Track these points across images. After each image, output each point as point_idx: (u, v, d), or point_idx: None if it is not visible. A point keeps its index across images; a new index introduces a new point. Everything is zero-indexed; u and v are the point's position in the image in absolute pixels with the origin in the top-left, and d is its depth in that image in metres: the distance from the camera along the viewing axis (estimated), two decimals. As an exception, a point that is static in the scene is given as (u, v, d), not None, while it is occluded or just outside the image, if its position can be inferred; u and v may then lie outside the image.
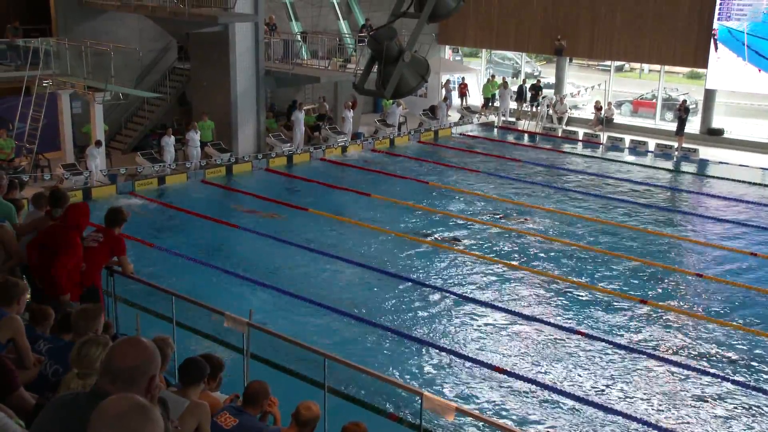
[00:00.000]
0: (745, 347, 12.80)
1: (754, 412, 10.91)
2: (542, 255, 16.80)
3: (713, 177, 24.04)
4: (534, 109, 30.91)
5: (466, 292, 14.70)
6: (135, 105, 25.60)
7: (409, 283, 15.07)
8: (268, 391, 5.92)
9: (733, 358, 12.45)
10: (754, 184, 23.07)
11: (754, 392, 11.37)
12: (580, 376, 11.77)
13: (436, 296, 14.57)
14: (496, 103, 31.65)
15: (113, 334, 6.66)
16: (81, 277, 8.09)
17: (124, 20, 24.40)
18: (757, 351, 12.67)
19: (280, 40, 27.01)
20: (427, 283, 15.13)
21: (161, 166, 21.91)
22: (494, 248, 17.14)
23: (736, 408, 10.98)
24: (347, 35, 29.75)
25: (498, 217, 19.40)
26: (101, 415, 2.55)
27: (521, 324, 13.52)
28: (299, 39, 27.92)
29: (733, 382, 11.65)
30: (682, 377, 11.89)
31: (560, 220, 19.16)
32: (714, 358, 12.48)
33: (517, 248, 17.21)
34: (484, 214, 19.60)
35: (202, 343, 11.58)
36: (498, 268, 15.95)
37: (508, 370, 11.80)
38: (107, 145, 22.83)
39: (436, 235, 17.95)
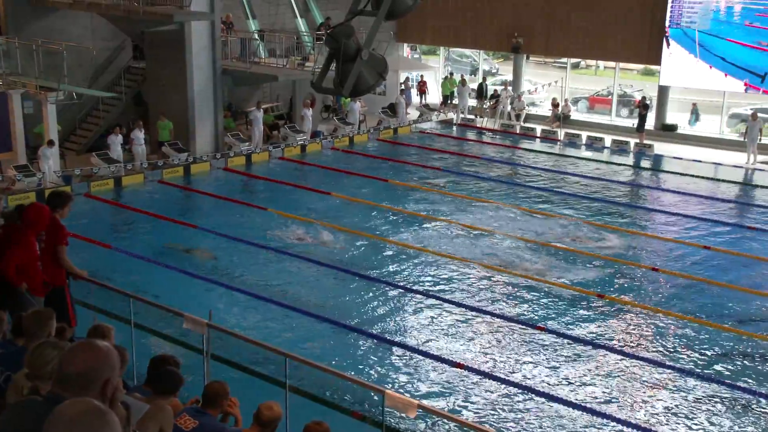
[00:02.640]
0: (699, 338, 13.04)
1: (719, 402, 11.13)
2: (501, 251, 16.92)
3: (668, 172, 24.46)
4: (491, 106, 31.13)
5: (427, 290, 14.75)
6: (89, 105, 25.20)
7: (370, 281, 15.07)
8: (228, 391, 5.87)
9: (688, 348, 12.67)
10: (707, 178, 23.54)
11: (714, 383, 11.59)
12: (539, 370, 11.88)
13: (398, 294, 14.60)
14: (455, 101, 31.82)
15: (69, 337, 6.54)
16: (43, 276, 8.05)
17: (77, 18, 23.98)
18: (711, 341, 12.92)
19: (237, 39, 26.81)
20: (388, 280, 15.15)
21: (117, 167, 21.59)
22: (454, 245, 17.21)
23: (696, 399, 11.18)
24: (305, 33, 29.64)
25: (459, 213, 19.48)
26: (55, 420, 2.51)
27: (481, 320, 13.60)
28: (256, 37, 27.74)
29: (690, 373, 11.86)
30: (640, 369, 12.07)
31: (519, 217, 19.32)
32: (670, 349, 12.69)
33: (476, 245, 17.31)
34: (445, 212, 19.68)
35: (161, 344, 11.44)
36: (458, 265, 16.03)
37: (469, 366, 11.86)
38: (61, 145, 22.43)
39: (396, 233, 17.98)
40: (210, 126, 24.32)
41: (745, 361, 12.31)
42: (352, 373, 10.95)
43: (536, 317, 13.71)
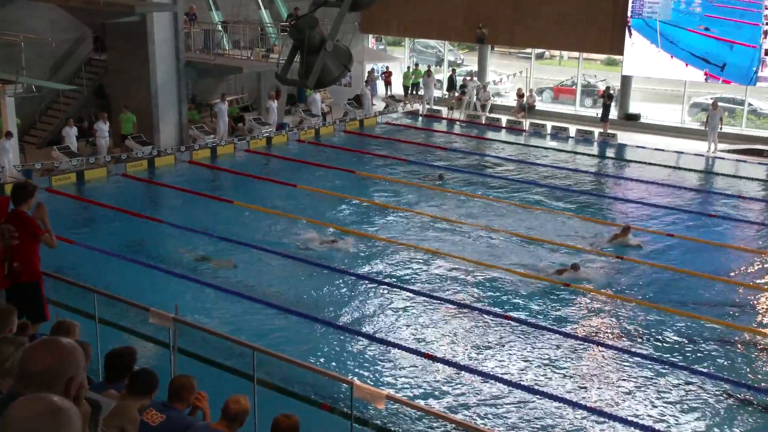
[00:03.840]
0: (663, 324, 13.24)
1: (684, 387, 11.32)
2: (468, 241, 17.02)
3: (632, 161, 24.77)
4: (457, 97, 31.22)
5: (394, 281, 14.78)
6: (49, 98, 24.78)
7: (337, 273, 15.06)
8: (194, 385, 5.83)
9: (653, 335, 12.87)
10: (669, 167, 23.88)
11: (677, 369, 11.78)
12: (506, 359, 11.98)
13: (365, 285, 14.61)
14: (421, 92, 31.86)
15: (31, 334, 6.45)
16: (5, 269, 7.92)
17: (35, 10, 23.51)
18: (674, 327, 13.13)
19: (201, 30, 26.53)
20: (355, 272, 15.15)
21: (79, 161, 21.27)
22: (422, 236, 17.27)
23: (661, 385, 11.36)
24: (269, 25, 29.43)
25: (426, 204, 19.54)
26: (9, 417, 2.47)
27: (449, 310, 13.68)
28: (220, 29, 27.47)
29: (655, 359, 12.05)
30: (605, 356, 12.24)
31: (486, 207, 19.43)
32: (635, 336, 12.87)
33: (443, 235, 17.38)
34: (411, 202, 19.72)
35: (127, 340, 11.33)
36: (425, 255, 16.08)
37: (437, 356, 11.93)
38: (21, 139, 22.03)
39: (363, 224, 17.98)
40: (174, 119, 24.06)
41: (708, 346, 12.52)
42: (321, 364, 10.96)
43: (503, 306, 13.81)
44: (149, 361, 10.65)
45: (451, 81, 32.23)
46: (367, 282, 14.72)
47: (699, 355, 12.26)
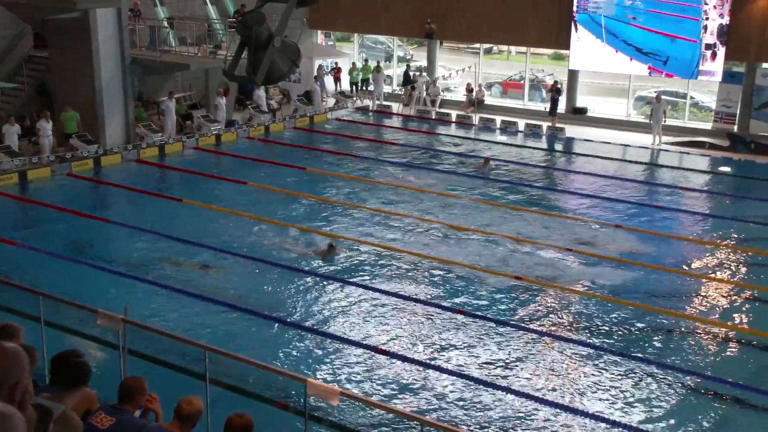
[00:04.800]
0: (613, 315, 13.49)
1: (634, 377, 11.54)
2: (420, 236, 17.09)
3: (579, 154, 25.14)
4: (407, 92, 31.30)
5: (346, 276, 14.76)
6: (-11, 96, 24.14)
7: (289, 271, 14.98)
8: (145, 386, 5.75)
9: (604, 326, 13.10)
10: (616, 159, 24.32)
11: (628, 358, 12.01)
12: (461, 353, 12.07)
13: (317, 282, 14.56)
14: (371, 88, 31.85)
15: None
16: None
17: (-29, 5, 22.87)
18: (624, 318, 13.38)
19: (146, 27, 26.08)
20: (307, 269, 15.09)
21: (22, 160, 20.75)
22: (373, 232, 17.28)
23: (613, 375, 11.57)
24: (216, 21, 29.10)
25: (378, 200, 19.57)
26: None
27: (403, 305, 13.71)
28: (166, 25, 27.06)
29: (607, 350, 12.27)
30: (559, 348, 12.41)
31: (438, 201, 19.53)
32: (587, 327, 13.08)
33: (395, 230, 17.43)
34: (364, 199, 19.73)
35: (75, 342, 11.11)
36: (377, 251, 16.10)
37: (392, 351, 11.96)
38: (-40, 139, 21.41)
39: (314, 221, 17.92)
40: (120, 117, 23.62)
41: (656, 336, 12.79)
42: (275, 362, 10.90)
43: (456, 301, 13.91)
44: (98, 363, 10.46)
45: (407, 76, 32.30)
46: (319, 279, 14.67)
47: (649, 345, 12.51)
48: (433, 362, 11.71)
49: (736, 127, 26.27)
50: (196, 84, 28.34)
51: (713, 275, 15.45)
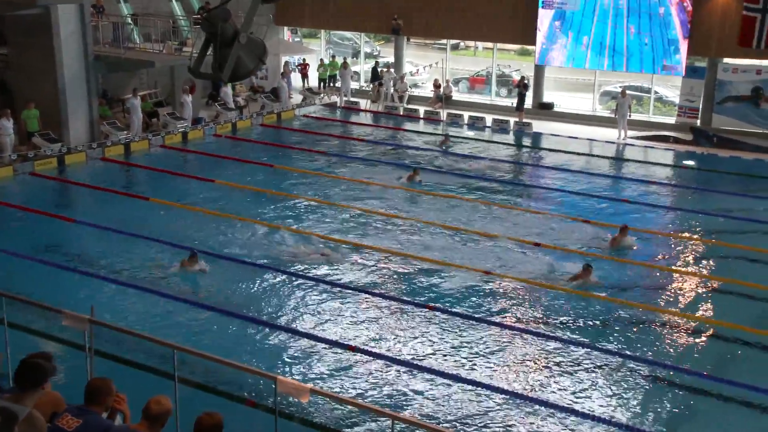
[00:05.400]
0: (581, 309, 13.62)
1: (601, 369, 11.67)
2: (389, 233, 17.10)
3: (547, 149, 25.35)
4: (374, 88, 31.29)
5: (315, 274, 14.72)
6: (-55, 95, 23.63)
7: (257, 268, 14.90)
8: (112, 387, 5.68)
9: (573, 319, 13.22)
10: (583, 154, 24.57)
11: (591, 351, 12.14)
12: (430, 349, 12.11)
13: (285, 280, 14.50)
14: (338, 84, 31.80)
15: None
16: None
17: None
18: (586, 310, 13.53)
19: (109, 23, 25.76)
20: (275, 267, 15.02)
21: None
22: (342, 228, 17.27)
23: (579, 367, 11.69)
24: (181, 17, 28.83)
25: (346, 197, 19.55)
26: None
27: (372, 302, 13.71)
28: (130, 21, 26.75)
29: (575, 342, 12.39)
30: (527, 342, 12.51)
31: (405, 197, 19.57)
32: (554, 321, 13.19)
33: (362, 226, 17.43)
34: (332, 195, 19.69)
35: (41, 344, 10.95)
36: (346, 247, 16.08)
37: (361, 348, 11.96)
38: None
39: (282, 218, 17.85)
40: (84, 115, 23.28)
41: (622, 328, 12.95)
42: (244, 360, 10.84)
43: (425, 296, 13.95)
44: (64, 364, 10.32)
45: (374, 73, 32.29)
46: (289, 277, 14.62)
47: (615, 336, 12.66)
48: (402, 357, 11.73)
49: (699, 122, 26.67)
50: (161, 81, 28.05)
51: (677, 267, 15.67)
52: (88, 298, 12.72)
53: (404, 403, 10.51)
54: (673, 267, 15.68)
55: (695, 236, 17.51)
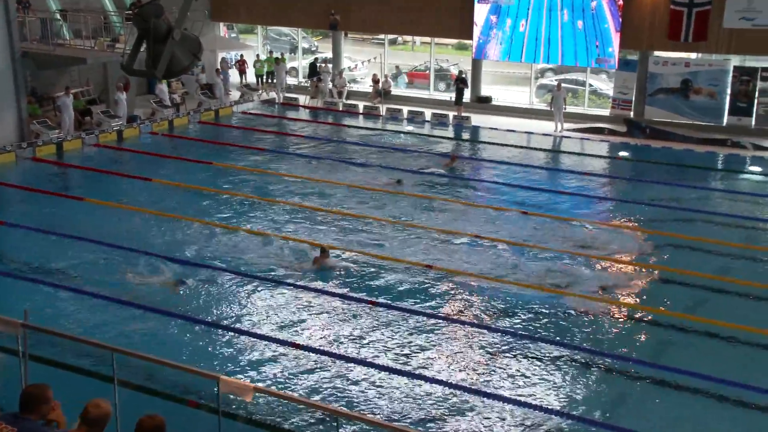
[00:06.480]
0: (517, 300, 13.82)
1: (540, 360, 11.86)
2: (328, 228, 17.06)
3: (485, 142, 25.61)
4: (313, 84, 31.15)
5: (253, 271, 14.60)
6: None
7: (196, 267, 14.69)
8: (48, 394, 5.52)
9: (512, 311, 13.40)
10: (521, 147, 24.91)
11: (530, 341, 12.34)
12: (373, 344, 12.13)
13: (225, 278, 14.33)
14: (275, 80, 31.55)
15: None
16: None
17: None
18: (525, 302, 13.73)
19: (36, 19, 25.03)
20: (215, 265, 14.84)
21: None
22: (284, 225, 17.16)
23: (523, 358, 11.87)
24: (113, 13, 28.20)
25: (286, 193, 19.43)
26: None
27: (313, 298, 13.67)
28: (58, 17, 26.04)
29: (516, 334, 12.57)
30: (469, 335, 12.64)
31: (346, 193, 19.53)
32: (495, 313, 13.35)
33: (302, 223, 17.34)
34: (272, 192, 19.55)
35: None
36: (285, 243, 15.98)
37: (305, 344, 11.92)
38: None
39: (221, 216, 17.65)
40: (12, 113, 22.57)
41: (560, 318, 13.18)
42: (186, 361, 10.68)
43: (367, 291, 13.96)
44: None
45: (313, 68, 32.11)
46: (227, 274, 14.45)
47: (554, 327, 12.88)
48: (345, 353, 11.73)
49: (632, 113, 27.30)
50: (94, 78, 27.39)
51: (614, 256, 16.00)
52: (20, 301, 12.36)
53: (348, 398, 10.51)
54: (609, 256, 16.00)
55: (630, 225, 17.91)
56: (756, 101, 25.57)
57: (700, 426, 10.29)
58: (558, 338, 12.38)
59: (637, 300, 14.01)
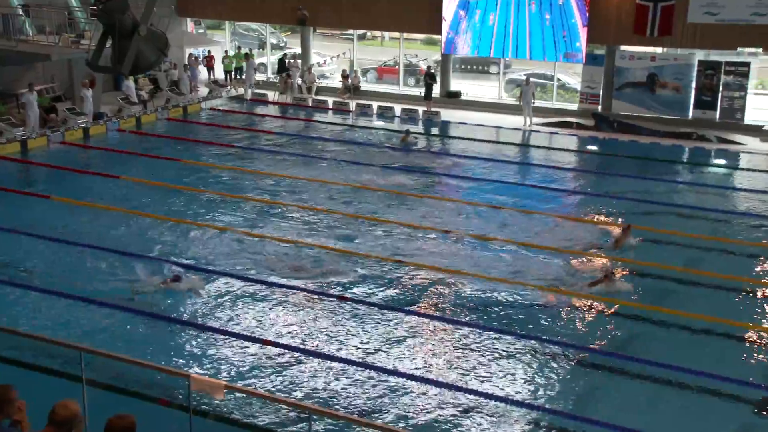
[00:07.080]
0: (486, 294, 13.90)
1: (508, 352, 11.94)
2: (297, 224, 17.02)
3: (455, 137, 25.71)
4: (282, 80, 31.02)
5: (225, 269, 14.51)
6: None
7: (166, 264, 14.57)
8: (11, 395, 5.45)
9: (483, 305, 13.47)
10: (490, 141, 25.03)
11: (500, 335, 12.42)
12: (344, 339, 12.13)
13: (197, 275, 14.23)
14: (244, 76, 31.37)
15: None
16: None
17: None
18: (494, 295, 13.81)
19: (-2, 15, 24.65)
20: (186, 263, 14.74)
21: None
22: (254, 222, 17.08)
23: (496, 351, 11.94)
24: (77, 8, 27.82)
25: (256, 190, 19.34)
26: None
27: (283, 294, 13.62)
28: (21, 13, 25.63)
29: (487, 327, 12.65)
30: (438, 329, 12.69)
31: (316, 188, 19.49)
32: (467, 307, 13.40)
33: (274, 219, 17.29)
34: (242, 189, 19.45)
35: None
36: (256, 241, 15.91)
37: (276, 341, 11.88)
38: None
39: (190, 213, 17.52)
40: (-25, 112, 22.23)
41: (530, 311, 13.29)
42: (156, 359, 10.60)
43: (337, 286, 13.95)
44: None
45: (282, 64, 31.96)
46: (199, 273, 14.35)
47: (524, 320, 12.97)
48: (316, 349, 11.72)
49: (600, 107, 27.55)
50: (59, 75, 27.01)
51: (582, 250, 16.15)
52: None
53: (319, 394, 10.50)
54: (577, 249, 16.15)
55: (599, 218, 18.09)
56: (720, 95, 25.94)
57: (670, 415, 10.43)
58: (526, 331, 12.45)
59: (606, 292, 14.12)
